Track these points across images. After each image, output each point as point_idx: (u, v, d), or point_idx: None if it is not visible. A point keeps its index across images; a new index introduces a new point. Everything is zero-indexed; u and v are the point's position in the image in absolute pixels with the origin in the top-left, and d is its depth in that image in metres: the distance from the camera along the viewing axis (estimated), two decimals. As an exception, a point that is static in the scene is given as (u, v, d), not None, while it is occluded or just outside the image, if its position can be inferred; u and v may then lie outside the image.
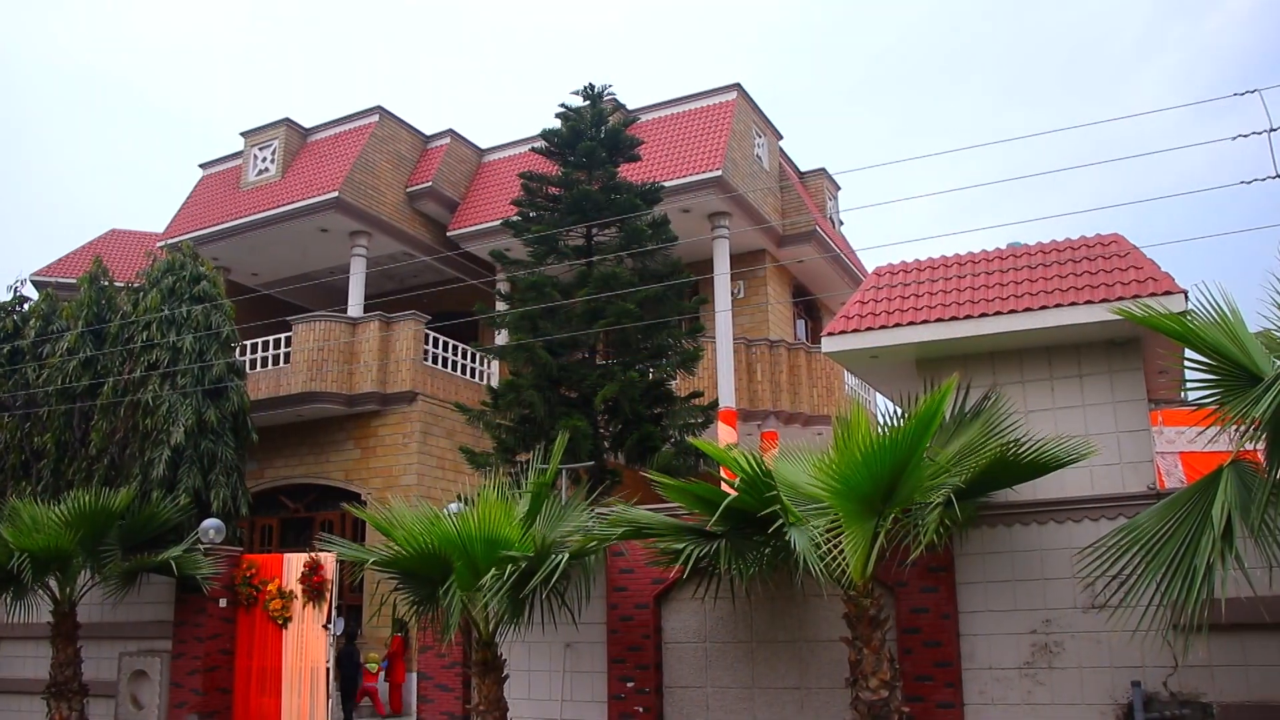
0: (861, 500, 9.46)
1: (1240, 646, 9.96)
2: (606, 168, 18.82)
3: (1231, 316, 8.20)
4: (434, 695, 13.85)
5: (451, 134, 26.83)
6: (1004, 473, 10.27)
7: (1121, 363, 11.49)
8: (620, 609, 12.82)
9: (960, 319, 11.61)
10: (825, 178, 29.40)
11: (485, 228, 24.73)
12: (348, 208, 23.74)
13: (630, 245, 18.02)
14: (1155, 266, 11.36)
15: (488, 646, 11.48)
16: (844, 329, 12.26)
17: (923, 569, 11.16)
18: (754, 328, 25.26)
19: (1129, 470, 11.14)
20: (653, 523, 11.20)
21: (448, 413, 21.97)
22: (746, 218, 23.87)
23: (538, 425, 17.48)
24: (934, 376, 11.89)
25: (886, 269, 13.10)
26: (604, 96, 19.47)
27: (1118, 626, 8.66)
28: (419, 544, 11.06)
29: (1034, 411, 11.59)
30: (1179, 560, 7.73)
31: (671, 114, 25.14)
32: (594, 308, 17.36)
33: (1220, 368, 8.05)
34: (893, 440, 9.15)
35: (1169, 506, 8.33)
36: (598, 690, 12.78)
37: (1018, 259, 12.32)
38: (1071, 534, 10.84)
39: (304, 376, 21.55)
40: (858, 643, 9.86)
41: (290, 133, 26.06)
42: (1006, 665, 10.88)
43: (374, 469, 21.66)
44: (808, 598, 11.82)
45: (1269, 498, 7.46)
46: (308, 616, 15.68)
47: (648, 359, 18.29)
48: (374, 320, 22.27)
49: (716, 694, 12.18)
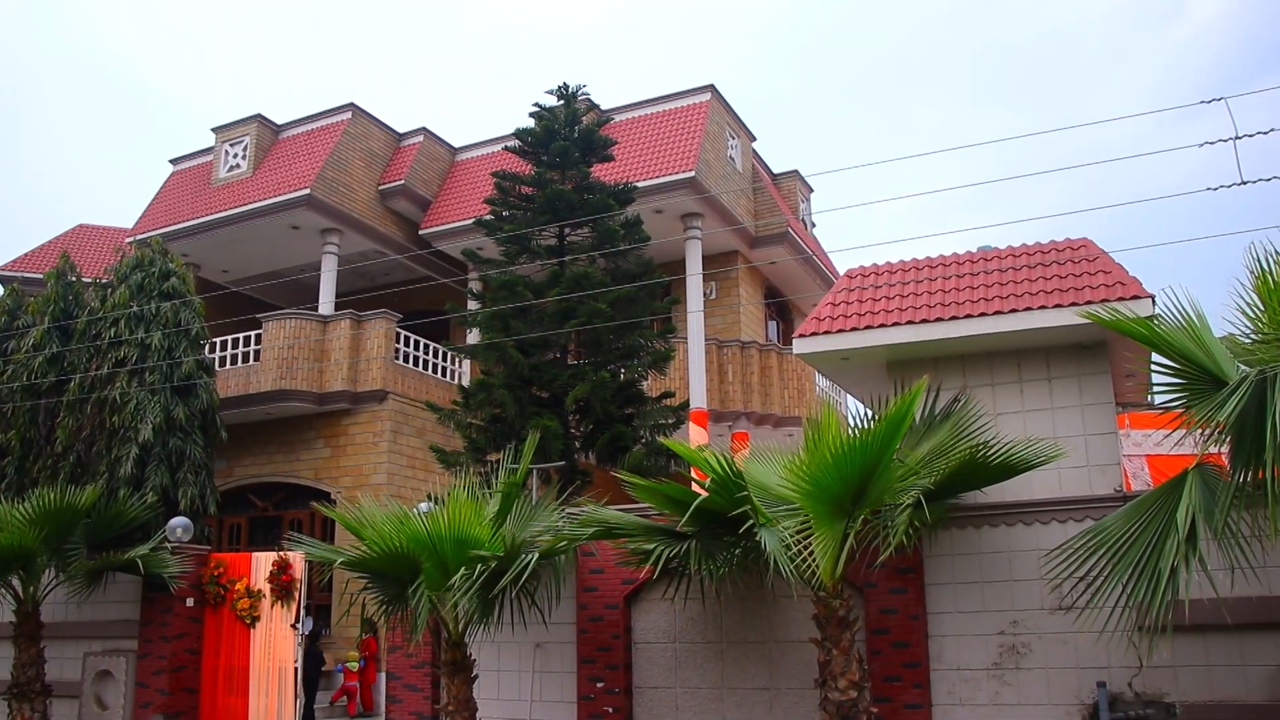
0: (831, 501, 9.50)
1: (1203, 647, 10.07)
2: (580, 167, 18.81)
3: (1197, 321, 8.30)
4: (403, 695, 13.80)
5: (425, 132, 26.74)
6: (973, 475, 10.32)
7: (1090, 366, 11.59)
8: (590, 609, 12.82)
9: (931, 322, 11.67)
10: (798, 180, 29.48)
11: (458, 226, 24.66)
12: (319, 205, 23.62)
13: (603, 245, 18.02)
14: (1123, 271, 11.46)
15: (457, 646, 11.45)
16: (815, 330, 12.31)
17: (892, 570, 11.21)
18: (726, 329, 25.31)
19: (1096, 473, 11.23)
20: (623, 523, 11.21)
21: (419, 412, 21.90)
22: (719, 219, 23.91)
23: (509, 425, 17.45)
24: (904, 378, 11.96)
25: (858, 271, 13.15)
26: (578, 96, 19.48)
27: (1084, 627, 8.74)
28: (388, 543, 11.02)
29: (1003, 414, 11.66)
30: (1144, 562, 7.81)
31: (645, 114, 25.15)
32: (566, 307, 17.35)
33: (1186, 372, 8.14)
34: (863, 442, 9.20)
35: (1135, 509, 8.41)
36: (567, 690, 12.78)
37: (988, 262, 12.40)
38: (1039, 536, 10.92)
39: (274, 374, 21.43)
40: (827, 643, 9.90)
41: (262, 129, 25.90)
42: (974, 666, 10.95)
43: (344, 468, 21.56)
44: (777, 599, 11.85)
45: (1232, 501, 7.53)
46: (276, 616, 15.59)
47: (619, 359, 18.29)
48: (345, 318, 22.17)
49: (686, 694, 12.19)
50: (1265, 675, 9.88)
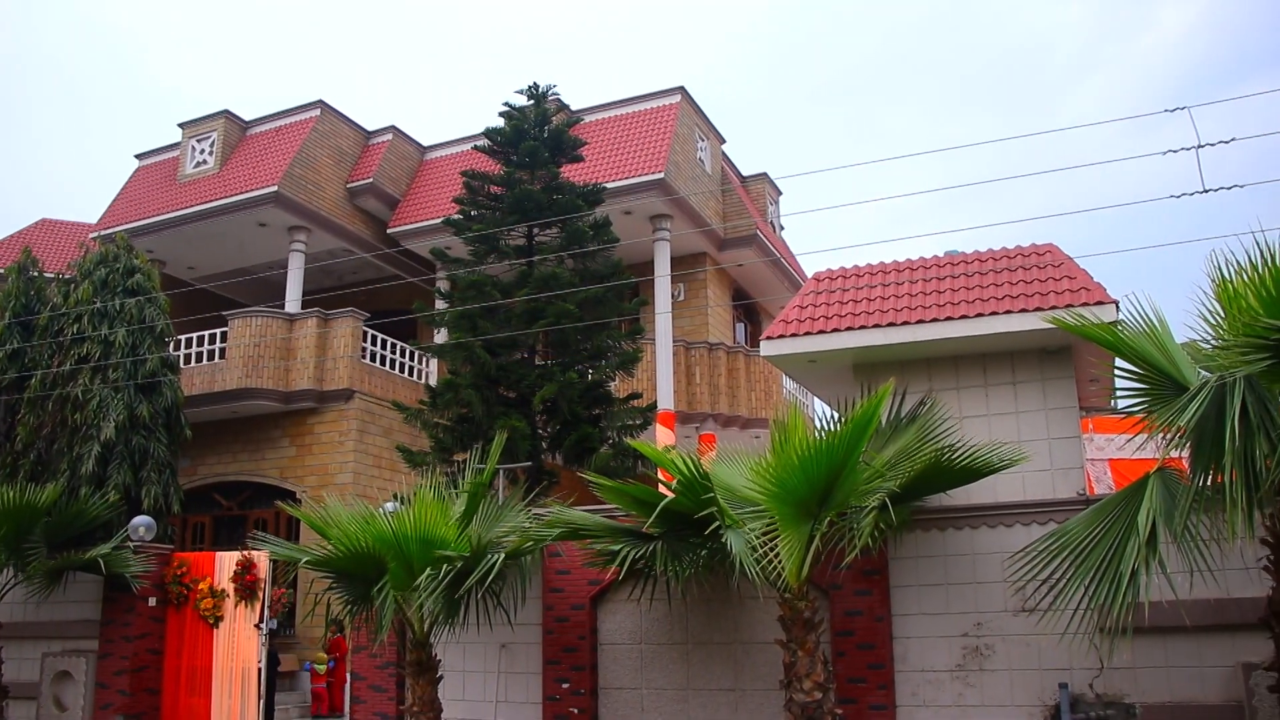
0: (798, 504, 9.54)
1: (1163, 649, 10.19)
2: (549, 168, 18.80)
3: (1160, 327, 8.40)
4: (367, 696, 13.74)
5: (394, 130, 26.63)
6: (938, 477, 10.39)
7: (1054, 371, 11.70)
8: (556, 610, 12.81)
9: (897, 325, 11.74)
10: (767, 182, 29.56)
11: (426, 225, 24.57)
12: (287, 202, 23.47)
13: (571, 246, 18.01)
14: (1088, 277, 11.57)
15: (422, 647, 11.42)
16: (782, 333, 12.36)
17: (857, 572, 11.27)
18: (694, 330, 25.35)
19: (1060, 476, 11.34)
20: (589, 524, 11.21)
21: (385, 411, 21.82)
22: (688, 220, 23.95)
23: (476, 425, 17.41)
24: (871, 381, 12.03)
25: (826, 274, 13.21)
26: (548, 97, 19.46)
27: (1047, 629, 8.81)
28: (354, 543, 10.97)
29: (968, 417, 11.75)
30: (1106, 565, 7.88)
31: (615, 115, 25.14)
32: (534, 308, 17.33)
33: (1148, 377, 8.24)
34: (829, 444, 9.24)
35: (1097, 513, 8.49)
36: (533, 691, 12.76)
37: (955, 267, 12.49)
38: (1003, 539, 11.01)
39: (240, 372, 21.29)
40: (792, 645, 9.94)
41: (229, 125, 25.71)
42: (938, 667, 11.02)
43: (310, 467, 21.45)
44: (743, 600, 11.88)
45: (1191, 504, 7.62)
46: (239, 616, 15.48)
47: (587, 360, 18.29)
48: (312, 316, 22.05)
49: (652, 695, 12.21)
50: (1222, 676, 10.01)
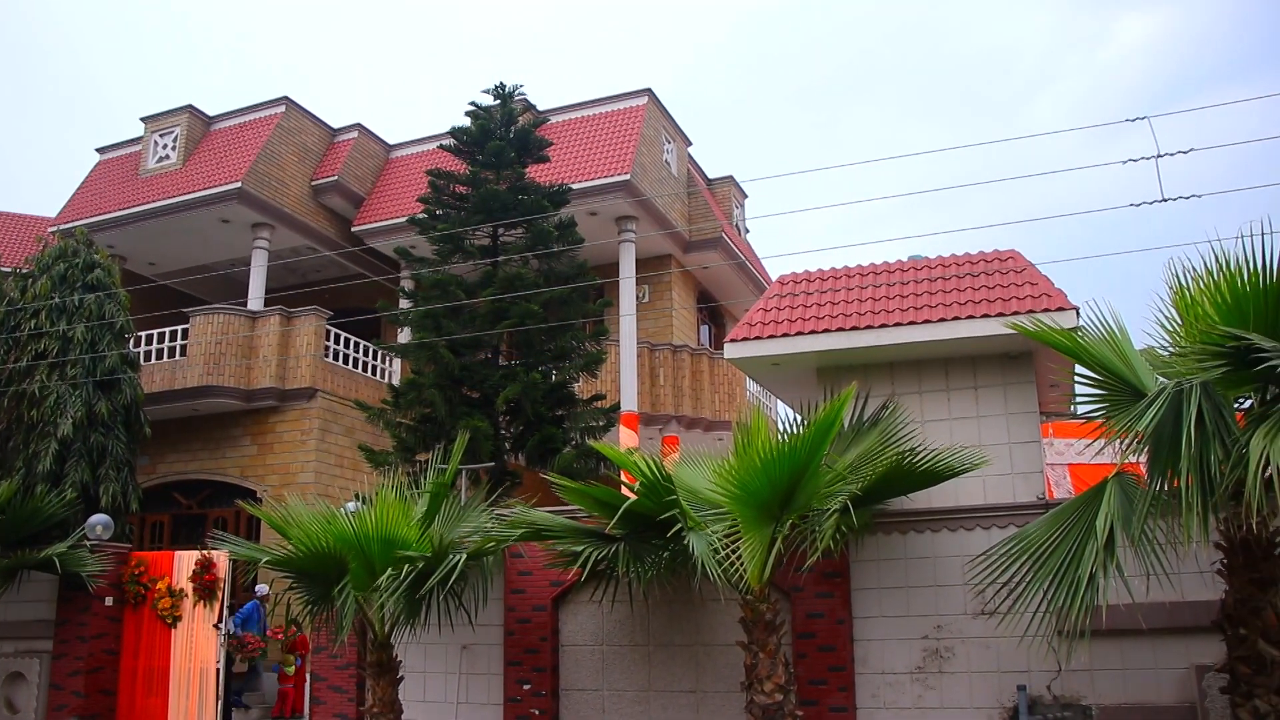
0: (760, 506, 9.57)
1: (1119, 651, 10.29)
2: (515, 168, 18.78)
3: (1119, 334, 8.48)
4: (326, 697, 13.65)
5: (359, 128, 26.50)
6: (900, 481, 10.45)
7: (1015, 376, 11.79)
8: (518, 611, 12.78)
9: (861, 329, 11.80)
10: (733, 185, 29.63)
11: (391, 224, 24.48)
12: (250, 199, 23.30)
13: (536, 246, 17.99)
14: (1049, 283, 11.68)
15: (383, 648, 11.36)
16: (746, 336, 12.39)
17: (819, 575, 11.31)
18: (658, 332, 25.38)
19: (1020, 480, 11.43)
20: (552, 525, 11.19)
21: (348, 410, 21.70)
22: (653, 222, 23.97)
23: (439, 425, 17.35)
24: (834, 385, 12.08)
25: (790, 278, 13.26)
26: (514, 96, 19.44)
27: (1006, 632, 8.87)
28: (314, 543, 10.91)
29: (930, 421, 11.82)
30: (1065, 569, 7.95)
31: (582, 116, 25.14)
32: (498, 308, 17.29)
33: (1107, 383, 8.31)
34: (792, 447, 9.28)
35: (1056, 517, 8.56)
36: (494, 692, 12.72)
37: (918, 271, 12.56)
38: (964, 542, 11.08)
39: (201, 370, 21.11)
40: (753, 647, 9.96)
41: (193, 120, 25.49)
42: (899, 670, 11.08)
43: (271, 466, 21.29)
44: (705, 602, 11.90)
45: (1148, 509, 7.70)
46: (198, 616, 15.33)
47: (551, 361, 18.27)
48: (274, 314, 21.89)
49: (613, 697, 12.20)
50: (1177, 678, 10.13)
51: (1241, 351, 7.52)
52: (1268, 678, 7.50)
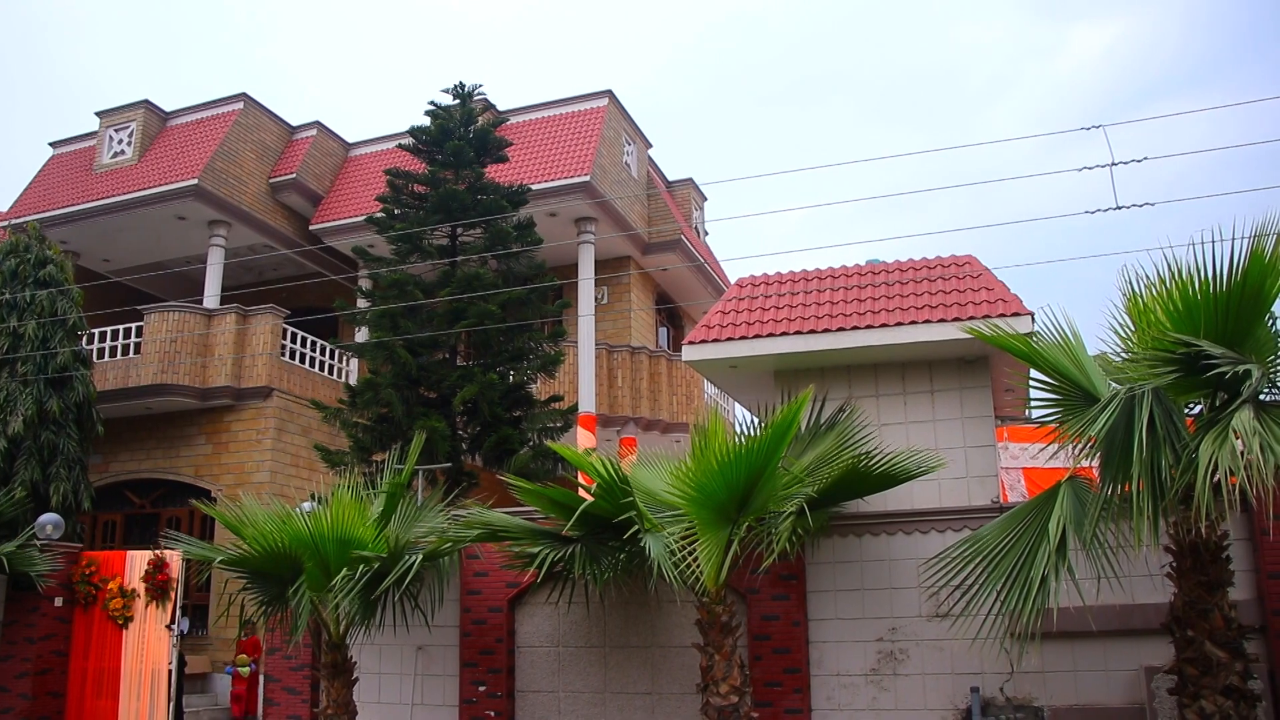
0: (717, 508, 9.59)
1: (1071, 653, 10.41)
2: (474, 168, 18.72)
3: (1073, 340, 8.59)
4: (280, 698, 13.54)
5: (318, 126, 26.31)
6: (856, 483, 10.51)
7: (971, 380, 11.90)
8: (474, 612, 12.74)
9: (818, 332, 11.86)
10: (693, 188, 29.70)
11: (349, 223, 24.30)
12: (207, 196, 23.06)
13: (495, 247, 17.94)
14: (1005, 288, 11.80)
15: (337, 648, 11.29)
16: (704, 338, 12.42)
17: (775, 577, 11.35)
18: (616, 334, 25.38)
19: (975, 484, 11.53)
20: (508, 526, 11.17)
21: (304, 410, 21.53)
22: (613, 224, 23.97)
23: (395, 425, 17.27)
24: (792, 388, 12.13)
25: (748, 280, 13.31)
26: (474, 96, 19.39)
27: (959, 634, 8.94)
28: (269, 543, 10.83)
29: (887, 425, 11.91)
30: (1018, 571, 8.03)
31: (542, 117, 25.10)
32: (456, 308, 17.23)
33: (1061, 388, 8.42)
34: (748, 449, 9.30)
35: (1010, 520, 8.64)
36: (449, 694, 12.67)
37: (876, 276, 12.65)
38: (919, 545, 11.17)
39: (155, 368, 20.86)
40: (709, 649, 9.99)
41: (149, 115, 25.19)
42: (853, 672, 11.15)
43: (226, 465, 21.08)
44: (661, 604, 11.91)
45: (1100, 513, 7.79)
46: (150, 616, 15.16)
47: (509, 361, 18.23)
48: (231, 312, 21.68)
49: (569, 698, 12.19)
50: (1127, 679, 10.26)
51: (1192, 358, 7.64)
52: (1214, 678, 7.61)
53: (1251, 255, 7.34)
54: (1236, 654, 7.67)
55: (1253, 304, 7.60)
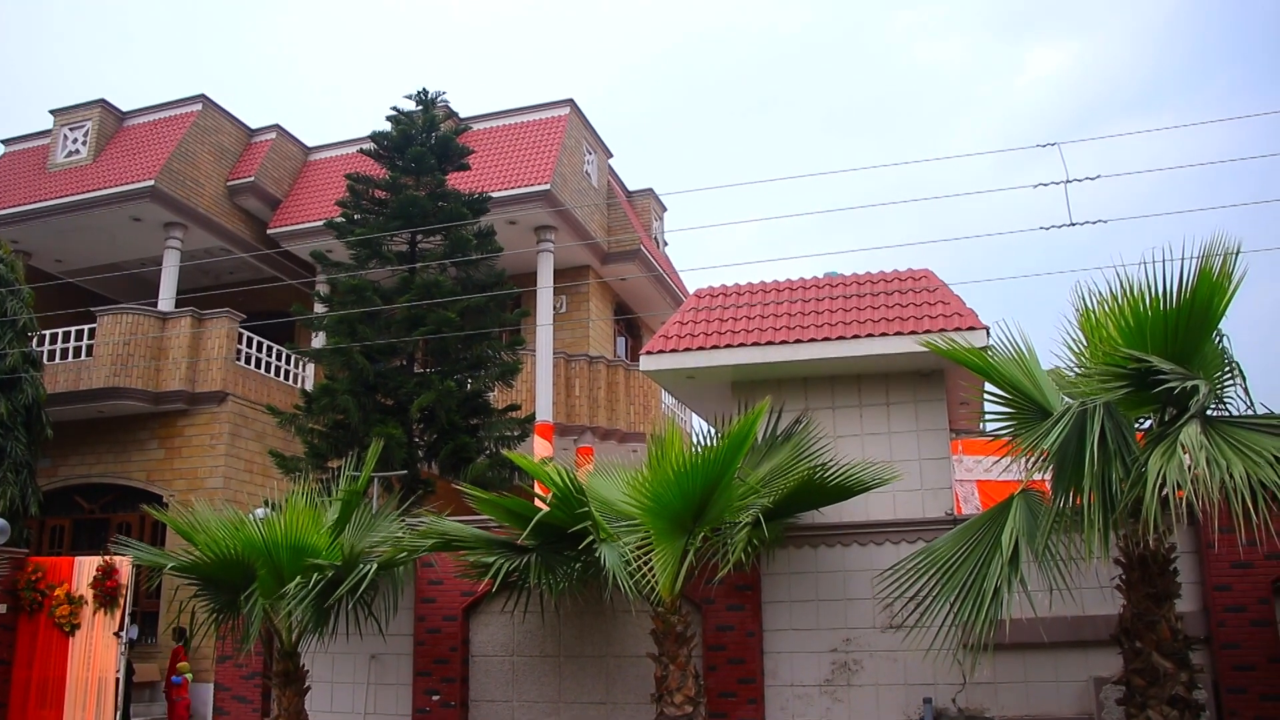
0: (673, 518, 9.61)
1: (1022, 664, 10.51)
2: (435, 174, 18.67)
3: (1027, 354, 8.69)
4: (231, 707, 13.40)
5: (278, 129, 26.12)
6: (811, 495, 10.56)
7: (926, 393, 12.00)
8: (428, 621, 12.67)
9: (776, 344, 11.92)
10: (653, 198, 29.75)
11: (307, 227, 24.14)
12: (164, 198, 22.82)
13: (455, 254, 17.89)
14: (961, 302, 11.91)
15: (290, 657, 11.19)
16: (662, 348, 12.45)
17: (730, 587, 11.38)
18: (574, 343, 25.35)
19: (929, 496, 11.63)
20: (464, 535, 11.13)
21: (259, 415, 21.33)
22: (572, 233, 23.96)
23: (351, 431, 17.15)
24: (748, 399, 12.17)
25: (706, 291, 13.35)
26: (436, 102, 19.34)
27: (913, 646, 9.00)
28: (221, 549, 10.73)
29: (843, 436, 11.98)
30: (971, 583, 8.09)
31: (504, 125, 25.06)
32: (415, 315, 17.15)
33: (1015, 402, 8.50)
34: (705, 460, 9.33)
35: (964, 532, 8.72)
36: (402, 703, 12.59)
37: (833, 288, 12.73)
38: (873, 556, 11.23)
39: (107, 371, 20.60)
40: (664, 659, 9.99)
41: (105, 114, 24.91)
42: (807, 682, 11.19)
43: (178, 470, 20.84)
44: (616, 614, 11.91)
45: (1052, 525, 7.88)
46: (98, 624, 14.93)
47: (467, 369, 18.16)
48: (186, 316, 21.45)
49: (523, 708, 12.15)
50: (1076, 690, 10.37)
51: (1143, 373, 7.75)
52: (1160, 689, 7.71)
53: (1200, 274, 7.48)
54: (1182, 665, 7.78)
55: (1201, 321, 7.74)
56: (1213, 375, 7.99)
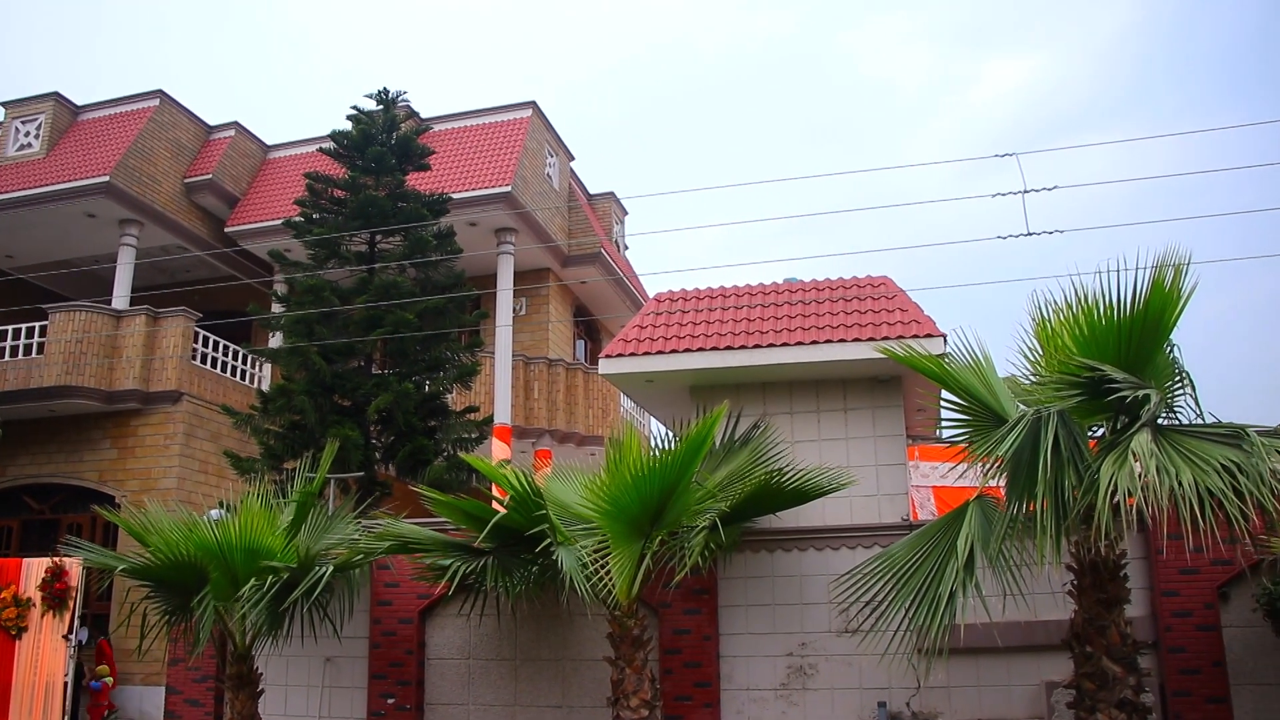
0: (630, 522, 9.62)
1: (975, 668, 10.61)
2: (395, 175, 18.59)
3: (984, 362, 8.78)
4: (183, 711, 13.26)
5: (236, 126, 25.88)
6: (768, 499, 10.61)
7: (884, 399, 12.08)
8: (384, 624, 12.61)
9: (735, 349, 11.96)
10: (614, 201, 29.76)
11: (265, 226, 23.94)
12: (119, 194, 22.55)
13: (414, 255, 17.81)
14: (919, 310, 12.01)
15: (243, 660, 11.09)
16: (621, 352, 12.46)
17: (687, 591, 11.41)
18: (534, 345, 25.31)
19: (886, 502, 11.71)
20: (420, 538, 11.08)
21: (214, 415, 21.12)
22: (533, 235, 23.93)
23: (308, 433, 17.04)
24: (707, 403, 12.21)
25: (666, 295, 13.38)
26: (397, 102, 19.26)
27: (868, 650, 9.05)
28: (174, 551, 10.62)
29: (800, 442, 12.04)
30: (926, 588, 8.16)
31: (465, 126, 24.98)
32: (373, 315, 17.06)
33: (971, 409, 8.59)
34: (663, 464, 9.35)
35: (919, 537, 8.79)
36: (357, 706, 12.51)
37: (793, 294, 12.79)
38: (829, 561, 11.30)
39: (59, 369, 20.32)
40: (620, 662, 10.00)
41: (59, 108, 24.57)
42: (763, 686, 11.23)
43: (131, 471, 20.59)
44: (573, 617, 11.90)
45: (1006, 531, 7.96)
46: (46, 626, 14.73)
47: (425, 371, 18.09)
48: (140, 314, 21.20)
49: (479, 711, 12.11)
50: (1028, 694, 10.48)
51: (1096, 382, 7.85)
52: (1110, 693, 7.81)
53: (1153, 285, 7.59)
54: (1131, 669, 7.88)
55: (1153, 331, 7.86)
56: (1164, 384, 8.11)
